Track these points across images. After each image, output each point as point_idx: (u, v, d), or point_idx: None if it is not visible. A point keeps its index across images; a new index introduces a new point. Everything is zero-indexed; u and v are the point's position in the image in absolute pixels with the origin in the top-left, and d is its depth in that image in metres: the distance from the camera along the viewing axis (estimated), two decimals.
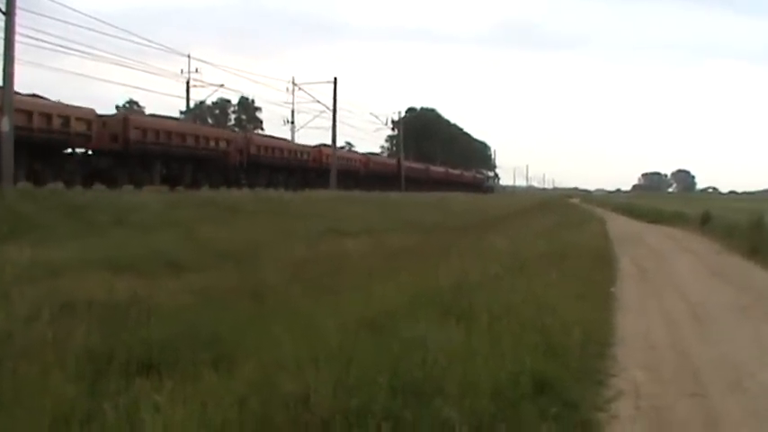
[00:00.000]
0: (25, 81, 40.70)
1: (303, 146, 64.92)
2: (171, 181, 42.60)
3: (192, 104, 68.80)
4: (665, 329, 11.16)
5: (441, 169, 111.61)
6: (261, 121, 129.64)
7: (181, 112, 71.12)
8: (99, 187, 35.37)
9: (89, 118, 36.14)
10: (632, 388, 7.72)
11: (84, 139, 35.91)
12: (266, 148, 55.24)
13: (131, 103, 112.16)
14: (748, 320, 12.00)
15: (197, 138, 46.19)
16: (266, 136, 63.11)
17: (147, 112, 68.09)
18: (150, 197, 29.36)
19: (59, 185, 33.19)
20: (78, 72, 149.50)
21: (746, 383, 8.12)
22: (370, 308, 9.66)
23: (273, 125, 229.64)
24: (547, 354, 7.88)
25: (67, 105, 35.81)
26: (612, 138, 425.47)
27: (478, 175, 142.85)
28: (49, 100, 34.97)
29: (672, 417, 6.90)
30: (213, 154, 47.41)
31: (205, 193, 39.34)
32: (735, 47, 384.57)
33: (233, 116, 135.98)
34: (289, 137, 72.15)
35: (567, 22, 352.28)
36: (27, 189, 28.27)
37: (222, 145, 48.52)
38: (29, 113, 31.89)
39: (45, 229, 18.36)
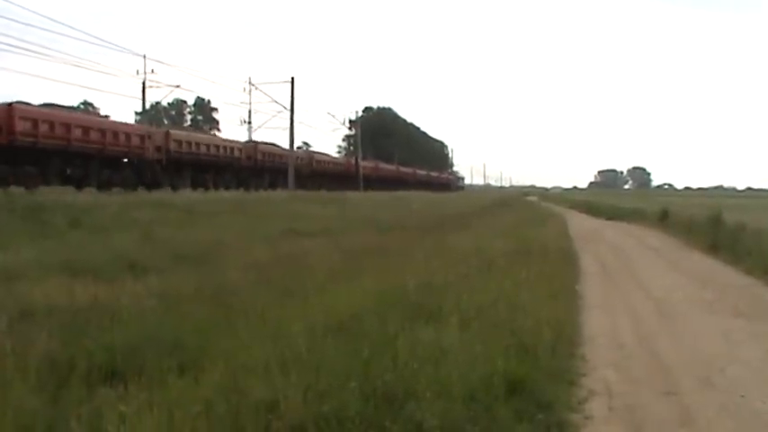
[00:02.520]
0: None
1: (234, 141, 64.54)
2: (274, 185, 60.80)
3: (147, 105, 68.06)
4: (631, 327, 11.16)
5: (423, 172, 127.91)
6: (217, 122, 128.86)
7: (136, 113, 70.29)
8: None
9: (240, 146, 58.98)
10: (604, 387, 7.69)
11: (238, 160, 56.80)
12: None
13: (86, 104, 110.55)
14: (713, 316, 12.07)
15: (281, 156, 64.68)
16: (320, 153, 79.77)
17: (102, 113, 68.56)
18: (107, 198, 28.88)
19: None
20: (31, 73, 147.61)
21: (716, 379, 8.14)
22: (337, 310, 9.52)
23: (230, 126, 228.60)
24: (518, 354, 7.80)
25: (233, 140, 60.33)
26: (569, 135, 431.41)
27: (451, 176, 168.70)
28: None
29: (646, 416, 6.85)
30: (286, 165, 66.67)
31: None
32: (690, 45, 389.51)
33: (189, 117, 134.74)
34: (246, 137, 72.05)
35: (521, 19, 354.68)
36: None
37: (305, 160, 71.68)
38: (217, 146, 54.62)
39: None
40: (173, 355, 7.34)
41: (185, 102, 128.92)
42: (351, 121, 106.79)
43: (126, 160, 41.36)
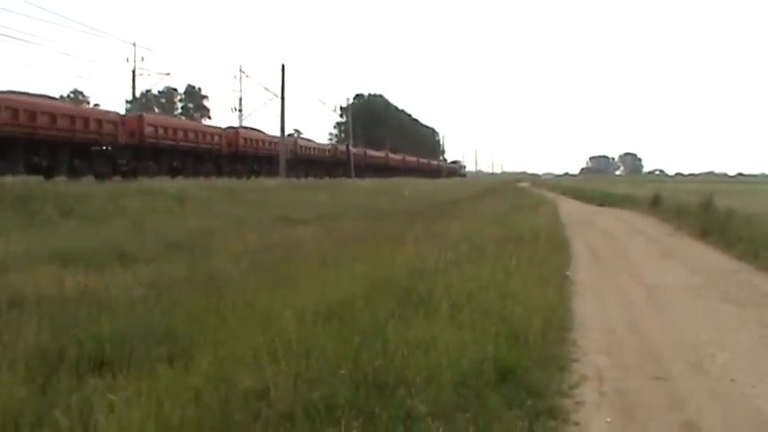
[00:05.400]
0: None
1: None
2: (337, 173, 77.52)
3: (138, 93, 67.96)
4: (622, 313, 11.15)
5: (434, 162, 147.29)
6: (208, 110, 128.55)
7: (127, 102, 70.06)
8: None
9: (328, 147, 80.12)
10: (595, 373, 7.68)
11: (332, 157, 78.90)
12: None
13: (76, 92, 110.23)
14: (704, 301, 12.07)
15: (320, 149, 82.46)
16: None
17: (92, 101, 68.59)
18: (96, 187, 28.75)
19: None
20: (19, 61, 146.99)
21: (707, 365, 8.14)
22: (327, 297, 9.47)
23: (221, 113, 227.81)
24: (508, 340, 7.79)
25: (328, 143, 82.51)
26: (560, 122, 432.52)
27: (454, 165, 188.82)
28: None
29: (637, 401, 6.85)
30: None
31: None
32: (681, 31, 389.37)
33: (179, 105, 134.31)
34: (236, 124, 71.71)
35: (512, 5, 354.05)
36: None
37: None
38: (323, 149, 78.89)
39: None
40: (162, 344, 7.32)
41: (176, 89, 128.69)
42: (342, 108, 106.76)
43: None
